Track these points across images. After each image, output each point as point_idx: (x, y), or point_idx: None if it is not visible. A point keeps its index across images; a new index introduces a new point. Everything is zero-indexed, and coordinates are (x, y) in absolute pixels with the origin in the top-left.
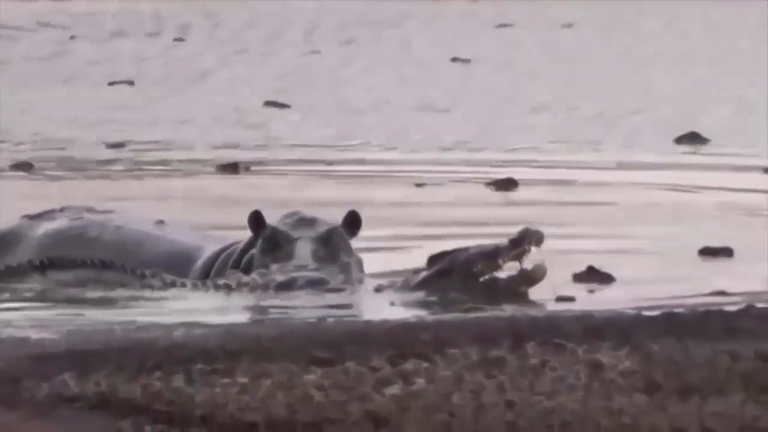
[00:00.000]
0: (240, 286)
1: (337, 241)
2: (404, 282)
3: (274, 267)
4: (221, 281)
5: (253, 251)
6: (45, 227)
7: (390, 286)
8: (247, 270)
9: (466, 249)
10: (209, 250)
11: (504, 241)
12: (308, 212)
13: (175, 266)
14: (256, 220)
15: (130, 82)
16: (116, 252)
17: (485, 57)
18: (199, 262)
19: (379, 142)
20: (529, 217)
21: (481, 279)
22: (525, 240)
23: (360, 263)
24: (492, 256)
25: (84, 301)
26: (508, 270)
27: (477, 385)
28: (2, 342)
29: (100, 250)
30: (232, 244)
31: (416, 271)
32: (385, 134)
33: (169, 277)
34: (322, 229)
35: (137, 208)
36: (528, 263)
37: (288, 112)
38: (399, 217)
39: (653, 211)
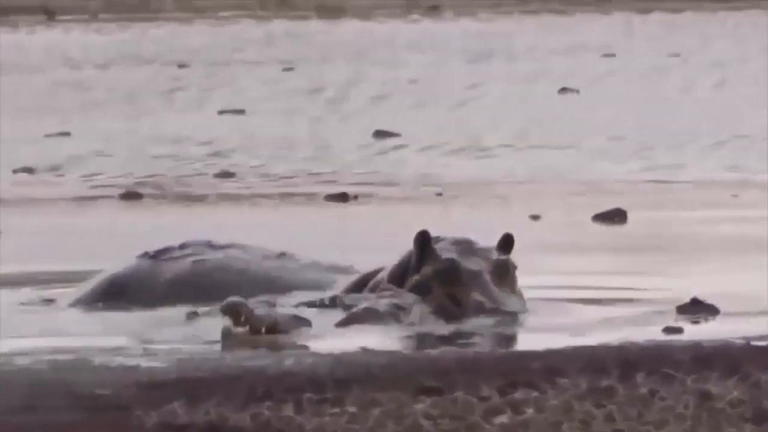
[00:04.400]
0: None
1: (510, 271)
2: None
3: (466, 298)
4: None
5: (418, 277)
6: (169, 268)
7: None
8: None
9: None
10: (346, 280)
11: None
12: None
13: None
14: (423, 240)
15: (240, 111)
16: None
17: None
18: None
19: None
20: (638, 245)
21: None
22: None
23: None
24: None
25: None
26: None
27: (586, 414)
28: (112, 370)
29: (244, 285)
30: (367, 276)
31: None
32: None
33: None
34: (492, 258)
35: (246, 237)
36: None
37: (397, 140)
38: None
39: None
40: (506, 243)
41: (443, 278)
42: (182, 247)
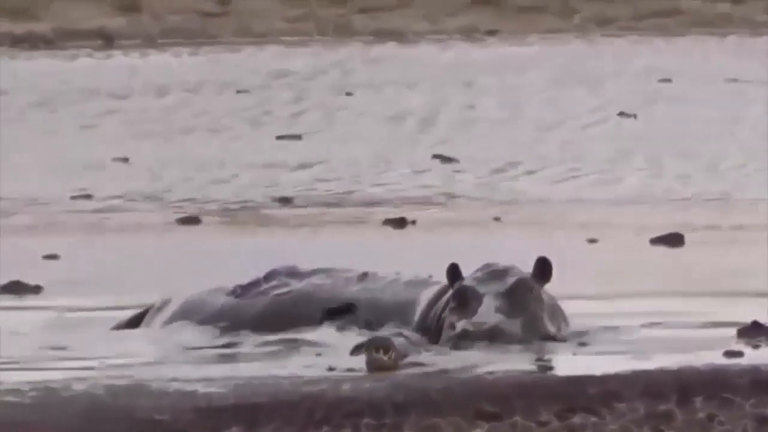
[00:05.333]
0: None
1: (523, 294)
2: None
3: (458, 324)
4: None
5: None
6: (261, 302)
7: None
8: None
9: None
10: (422, 301)
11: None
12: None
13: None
14: (453, 273)
15: (297, 137)
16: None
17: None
18: (417, 316)
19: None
20: (697, 268)
21: None
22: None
23: (555, 309)
24: None
25: None
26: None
27: None
28: (169, 395)
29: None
30: (441, 291)
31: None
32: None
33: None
34: (509, 281)
35: (306, 262)
36: None
37: (454, 165)
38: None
39: None
40: (540, 267)
41: (453, 303)
42: (267, 278)
